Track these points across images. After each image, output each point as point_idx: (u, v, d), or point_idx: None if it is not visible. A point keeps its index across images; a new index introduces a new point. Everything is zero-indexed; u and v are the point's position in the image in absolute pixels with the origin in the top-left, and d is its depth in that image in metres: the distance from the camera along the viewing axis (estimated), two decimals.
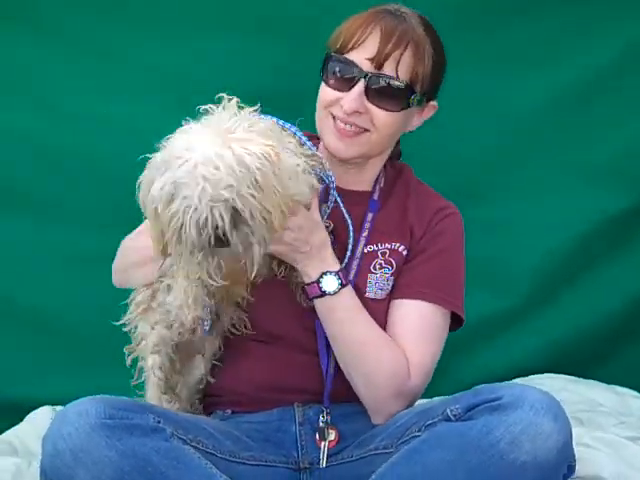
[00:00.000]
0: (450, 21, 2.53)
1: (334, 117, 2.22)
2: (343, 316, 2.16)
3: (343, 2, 2.66)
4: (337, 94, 2.20)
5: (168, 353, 2.23)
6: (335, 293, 2.14)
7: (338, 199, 2.19)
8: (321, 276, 2.14)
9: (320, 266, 2.14)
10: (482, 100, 2.94)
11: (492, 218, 3.01)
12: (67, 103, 2.89)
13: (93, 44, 2.87)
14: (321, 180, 2.14)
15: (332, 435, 2.20)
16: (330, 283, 2.14)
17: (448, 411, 1.95)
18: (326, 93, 2.23)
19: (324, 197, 2.19)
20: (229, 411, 2.28)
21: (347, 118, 2.19)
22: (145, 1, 2.86)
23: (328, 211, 2.19)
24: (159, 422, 1.94)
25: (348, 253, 2.23)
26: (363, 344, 2.17)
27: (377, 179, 2.34)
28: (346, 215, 2.23)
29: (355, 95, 2.17)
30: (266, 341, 2.24)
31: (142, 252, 2.20)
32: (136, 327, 2.25)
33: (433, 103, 2.31)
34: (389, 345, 2.19)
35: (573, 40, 2.97)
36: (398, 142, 2.40)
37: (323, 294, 2.14)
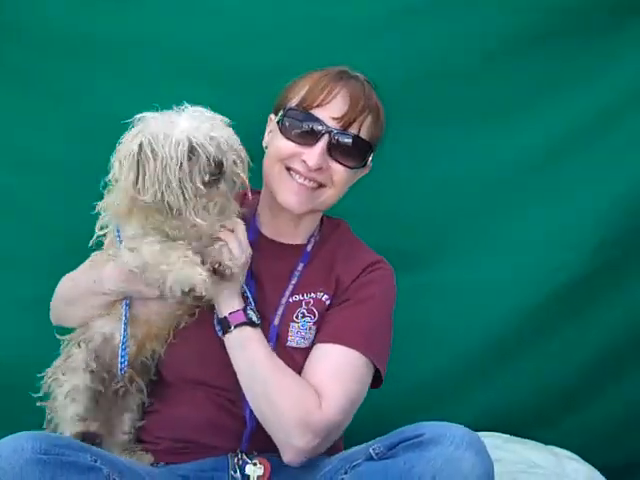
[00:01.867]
0: (413, 75, 2.63)
1: (289, 170, 2.29)
2: (255, 347, 2.19)
3: (318, 55, 2.69)
4: (297, 148, 2.28)
5: (84, 401, 2.25)
6: (258, 325, 2.21)
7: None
8: (246, 306, 2.21)
9: (240, 299, 2.21)
10: (442, 157, 2.91)
11: (446, 281, 2.98)
12: (20, 147, 2.84)
13: (49, 86, 2.81)
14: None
15: (260, 470, 2.21)
16: (253, 315, 2.22)
17: (371, 450, 1.99)
18: (284, 146, 2.30)
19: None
20: (162, 463, 2.28)
21: (308, 173, 2.27)
22: (110, 47, 2.82)
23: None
24: (96, 461, 1.95)
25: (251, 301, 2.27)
26: (272, 376, 2.18)
27: (313, 233, 2.42)
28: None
29: (319, 150, 2.26)
30: (199, 387, 2.27)
31: (77, 288, 2.30)
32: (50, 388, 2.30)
33: (370, 163, 2.41)
34: (295, 376, 2.21)
35: (546, 95, 2.93)
36: None
37: (249, 322, 2.19)
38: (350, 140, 2.28)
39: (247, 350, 2.20)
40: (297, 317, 2.31)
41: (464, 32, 2.85)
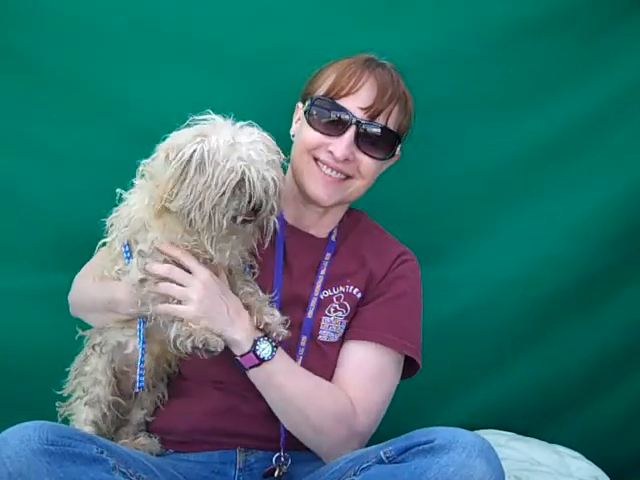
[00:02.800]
0: (431, 63, 2.60)
1: (316, 161, 2.27)
2: (282, 379, 2.18)
3: (320, 40, 2.73)
4: (324, 138, 2.26)
5: (102, 409, 2.25)
6: (272, 357, 2.16)
7: None
8: (255, 344, 2.15)
9: (248, 333, 2.15)
10: (452, 151, 2.88)
11: (452, 276, 2.97)
12: (21, 133, 2.80)
13: (49, 71, 2.77)
14: None
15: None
16: (265, 349, 2.16)
17: (382, 454, 1.97)
18: (311, 136, 2.27)
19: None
20: (171, 450, 2.28)
21: (335, 164, 2.25)
22: (110, 34, 2.79)
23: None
24: (102, 453, 1.94)
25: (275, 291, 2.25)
26: (303, 399, 2.19)
27: (337, 224, 2.40)
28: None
29: (347, 142, 2.24)
30: (213, 384, 2.26)
31: (93, 301, 2.28)
32: (74, 390, 2.29)
33: (398, 152, 2.39)
34: (328, 391, 2.22)
35: (550, 89, 2.91)
36: None
37: (261, 362, 2.15)
38: (378, 131, 2.26)
39: (272, 385, 2.19)
40: (329, 311, 2.31)
41: (475, 21, 2.82)
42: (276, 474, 2.21)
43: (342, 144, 2.23)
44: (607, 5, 2.85)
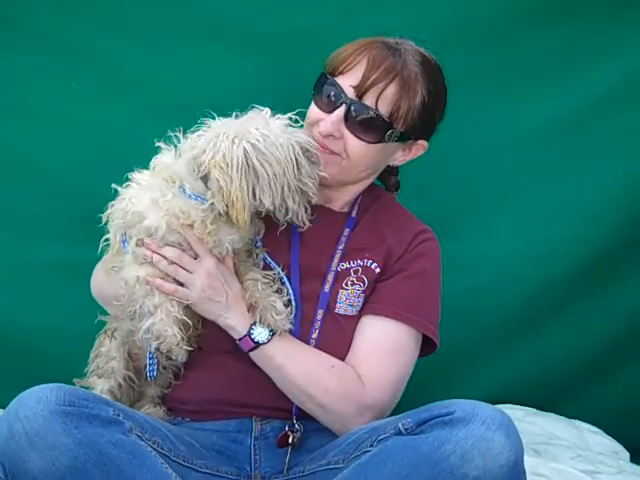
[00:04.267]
0: (446, 40, 2.59)
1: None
2: (281, 361, 2.18)
3: (331, 20, 2.77)
4: (321, 114, 2.24)
5: (117, 379, 2.27)
6: (268, 341, 2.17)
7: None
8: (251, 328, 2.17)
9: (243, 318, 2.17)
10: (463, 130, 2.87)
11: (468, 251, 2.99)
12: (39, 108, 2.84)
13: (66, 48, 2.82)
14: None
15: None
16: (261, 333, 2.17)
17: (400, 425, 1.95)
18: (312, 111, 2.26)
19: None
20: (188, 419, 2.28)
21: (322, 140, 2.21)
22: (131, 9, 2.82)
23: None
24: (118, 415, 1.94)
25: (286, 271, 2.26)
26: (306, 380, 2.18)
27: (356, 200, 2.37)
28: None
29: (333, 119, 2.20)
30: (228, 354, 2.25)
31: (104, 294, 2.32)
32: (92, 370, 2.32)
33: (422, 142, 2.31)
34: (332, 370, 2.21)
35: (562, 69, 2.94)
36: (395, 173, 2.43)
37: (257, 345, 2.17)
38: (362, 113, 2.20)
39: (272, 367, 2.19)
40: (347, 284, 2.28)
41: (484, 2, 2.86)
42: (290, 441, 2.21)
43: (328, 120, 2.20)
44: None
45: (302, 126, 2.17)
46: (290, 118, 2.13)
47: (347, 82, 2.20)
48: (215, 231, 2.13)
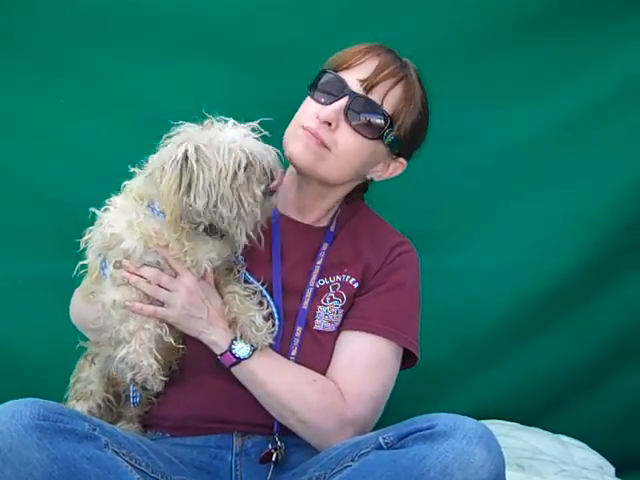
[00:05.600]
0: (431, 55, 2.61)
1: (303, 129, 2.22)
2: (262, 376, 2.16)
3: (329, 34, 2.79)
4: (317, 106, 2.22)
5: (96, 400, 2.25)
6: (250, 356, 2.15)
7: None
8: (232, 343, 2.15)
9: (225, 334, 2.15)
10: (452, 141, 2.91)
11: (456, 264, 2.99)
12: (24, 122, 2.87)
13: (65, 64, 2.85)
14: None
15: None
16: (242, 348, 2.15)
17: (380, 439, 1.93)
18: (308, 106, 2.25)
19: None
20: (168, 435, 2.26)
21: (316, 129, 2.19)
22: (116, 25, 2.85)
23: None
24: (94, 430, 1.91)
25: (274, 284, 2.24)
26: (287, 395, 2.16)
27: (334, 214, 2.35)
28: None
29: (335, 107, 2.19)
30: (209, 372, 2.22)
31: (84, 320, 2.27)
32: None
33: (402, 160, 2.31)
34: (314, 385, 2.19)
35: (555, 79, 2.97)
36: (365, 190, 2.42)
37: (239, 360, 2.15)
38: (366, 105, 2.20)
39: (253, 382, 2.17)
40: (325, 301, 2.26)
41: (478, 14, 2.90)
42: (273, 458, 2.18)
43: (330, 108, 2.20)
44: None
45: (268, 136, 2.15)
46: (253, 129, 2.11)
47: (353, 76, 2.21)
48: (192, 250, 2.11)
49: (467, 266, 3.00)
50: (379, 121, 2.21)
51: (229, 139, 2.04)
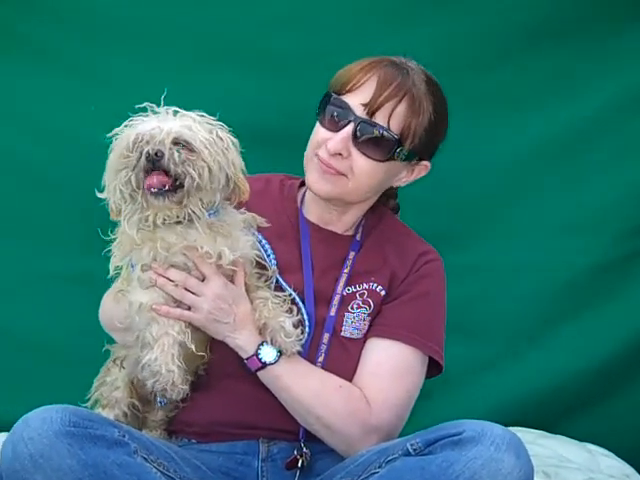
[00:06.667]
0: (438, 66, 2.58)
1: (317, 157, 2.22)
2: (288, 381, 2.17)
3: (345, 43, 2.82)
4: (327, 134, 2.21)
5: (122, 408, 2.25)
6: (276, 362, 2.15)
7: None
8: (258, 348, 2.15)
9: (252, 338, 2.15)
10: (466, 145, 2.92)
11: (468, 264, 3.00)
12: (51, 125, 2.93)
13: (84, 69, 2.92)
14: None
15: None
16: (269, 353, 2.15)
17: (408, 445, 1.94)
18: (319, 133, 2.23)
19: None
20: (194, 441, 2.26)
21: (328, 160, 2.19)
22: (144, 31, 2.92)
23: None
24: (124, 436, 1.92)
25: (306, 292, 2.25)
26: (313, 400, 2.17)
27: (360, 223, 2.35)
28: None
29: (341, 136, 2.17)
30: (235, 377, 2.23)
31: (112, 321, 2.28)
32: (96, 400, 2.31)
33: (425, 163, 2.30)
34: (339, 390, 2.19)
35: (560, 88, 3.01)
36: (394, 196, 2.42)
37: (264, 365, 2.15)
38: (373, 131, 2.17)
39: (279, 387, 2.18)
40: (352, 308, 2.27)
41: (483, 25, 2.96)
42: (299, 464, 2.18)
43: (336, 138, 2.17)
44: (618, 10, 2.97)
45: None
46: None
47: (356, 100, 2.18)
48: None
49: (475, 266, 3.02)
50: (387, 143, 2.19)
51: (149, 126, 2.04)
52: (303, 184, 2.34)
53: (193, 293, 2.13)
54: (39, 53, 2.90)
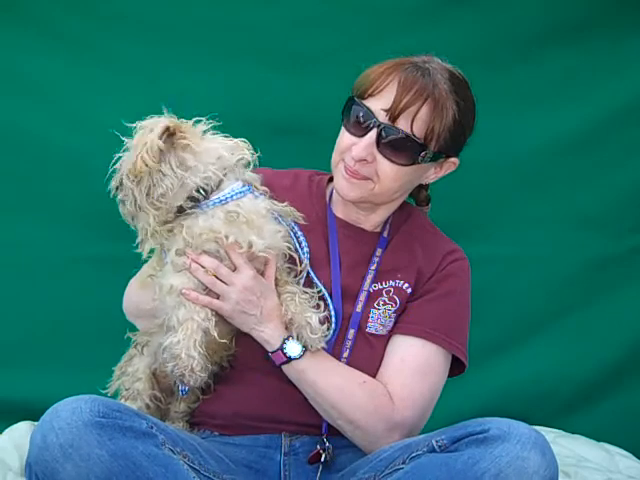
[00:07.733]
0: (455, 64, 2.61)
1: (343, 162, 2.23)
2: (313, 376, 2.18)
3: (366, 40, 2.86)
4: (352, 139, 2.20)
5: (144, 400, 2.27)
6: (301, 357, 2.16)
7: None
8: (284, 342, 2.16)
9: (277, 332, 2.16)
10: (478, 139, 2.90)
11: (478, 254, 3.00)
12: (77, 110, 3.00)
13: (117, 62, 2.99)
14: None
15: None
16: (294, 347, 2.16)
17: (433, 442, 1.95)
18: (343, 139, 2.23)
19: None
20: (216, 433, 2.28)
21: (353, 167, 2.19)
22: (171, 30, 2.98)
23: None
24: (152, 428, 1.94)
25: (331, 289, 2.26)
26: (337, 395, 2.18)
27: (387, 220, 2.36)
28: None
29: (365, 143, 2.17)
30: (260, 370, 2.24)
31: (137, 308, 2.32)
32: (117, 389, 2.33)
33: (453, 159, 2.30)
34: (363, 386, 2.20)
35: (573, 87, 3.08)
36: (426, 187, 2.42)
37: (289, 359, 2.16)
38: (396, 136, 2.16)
39: (303, 381, 2.19)
40: (378, 304, 2.28)
41: (500, 25, 3.04)
42: (322, 459, 2.20)
43: (360, 144, 2.17)
44: (632, 13, 3.06)
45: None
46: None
47: (378, 105, 2.17)
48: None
49: (486, 257, 3.03)
50: (411, 147, 2.18)
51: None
52: (331, 180, 2.35)
53: (223, 282, 2.14)
54: (73, 45, 2.97)
